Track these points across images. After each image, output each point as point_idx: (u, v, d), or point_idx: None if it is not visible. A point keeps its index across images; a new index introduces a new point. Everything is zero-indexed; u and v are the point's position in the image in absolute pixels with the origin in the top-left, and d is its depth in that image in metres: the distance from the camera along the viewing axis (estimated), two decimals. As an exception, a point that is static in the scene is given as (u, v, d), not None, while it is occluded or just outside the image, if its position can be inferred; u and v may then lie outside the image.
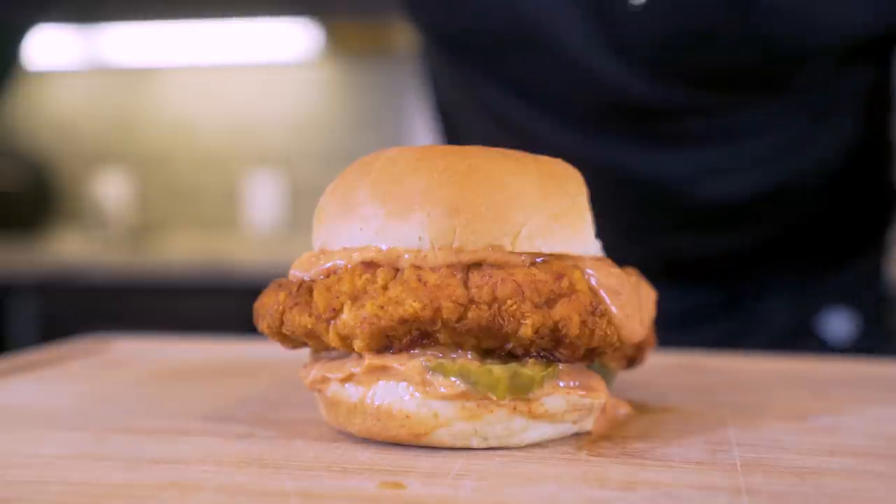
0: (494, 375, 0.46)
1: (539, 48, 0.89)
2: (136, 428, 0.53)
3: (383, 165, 0.50)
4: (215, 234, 3.34)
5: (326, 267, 0.49)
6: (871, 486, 0.41)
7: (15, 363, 0.73)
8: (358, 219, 0.48)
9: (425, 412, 0.46)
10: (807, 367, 0.72)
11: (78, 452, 0.47)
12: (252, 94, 3.33)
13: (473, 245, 0.46)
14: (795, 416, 0.55)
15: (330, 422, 0.51)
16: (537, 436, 0.48)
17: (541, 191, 0.48)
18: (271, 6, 3.01)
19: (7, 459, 0.46)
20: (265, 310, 0.51)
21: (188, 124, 3.38)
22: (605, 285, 0.48)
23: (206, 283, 2.62)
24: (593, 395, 0.48)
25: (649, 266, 0.60)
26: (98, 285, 2.69)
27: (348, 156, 2.93)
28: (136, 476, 0.43)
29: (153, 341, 0.86)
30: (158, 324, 2.41)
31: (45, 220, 3.43)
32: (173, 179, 3.41)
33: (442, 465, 0.45)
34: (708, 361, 0.75)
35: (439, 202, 0.47)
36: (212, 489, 0.41)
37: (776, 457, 0.46)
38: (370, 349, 0.46)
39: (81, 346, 0.83)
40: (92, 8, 3.05)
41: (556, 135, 0.94)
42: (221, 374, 0.70)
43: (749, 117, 0.91)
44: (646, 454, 0.46)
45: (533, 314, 0.45)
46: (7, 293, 2.74)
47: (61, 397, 0.62)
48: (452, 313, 0.44)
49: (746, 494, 0.40)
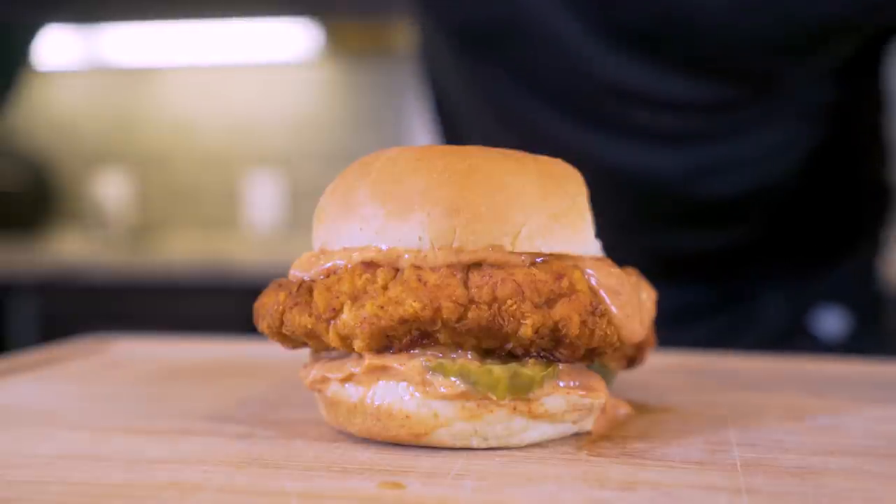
0: (494, 375, 0.46)
1: (537, 37, 0.89)
2: (136, 428, 0.53)
3: (383, 165, 0.50)
4: (215, 234, 3.34)
5: (326, 267, 0.49)
6: (870, 486, 0.41)
7: (15, 363, 0.73)
8: (358, 219, 0.48)
9: (425, 412, 0.46)
10: (807, 367, 0.72)
11: (78, 452, 0.47)
12: (252, 94, 3.33)
13: (473, 245, 0.46)
14: (795, 416, 0.55)
15: (330, 422, 0.51)
16: (537, 436, 0.48)
17: (541, 191, 0.48)
18: (271, 6, 3.01)
19: (7, 459, 0.46)
20: (265, 310, 0.51)
21: (188, 124, 3.39)
22: (605, 285, 0.48)
23: (206, 283, 2.62)
24: (593, 395, 0.48)
25: (643, 263, 0.60)
26: (98, 285, 2.69)
27: (348, 156, 2.93)
28: (136, 476, 0.43)
29: (153, 341, 0.86)
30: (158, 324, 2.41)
31: (45, 220, 3.43)
32: (173, 179, 3.41)
33: (442, 465, 0.45)
34: (708, 361, 0.75)
35: (439, 202, 0.47)
36: (212, 489, 0.41)
37: (776, 457, 0.46)
38: (370, 349, 0.46)
39: (81, 346, 0.83)
40: (92, 8, 3.06)
41: (556, 127, 0.94)
42: (221, 374, 0.70)
43: (745, 116, 0.92)
44: (646, 454, 0.46)
45: (533, 314, 0.45)
46: (7, 293, 2.75)
47: (61, 397, 0.62)
48: (452, 313, 0.44)
49: (746, 494, 0.40)
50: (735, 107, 0.91)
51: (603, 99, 0.91)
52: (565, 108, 0.93)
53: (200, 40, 3.22)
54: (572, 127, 0.93)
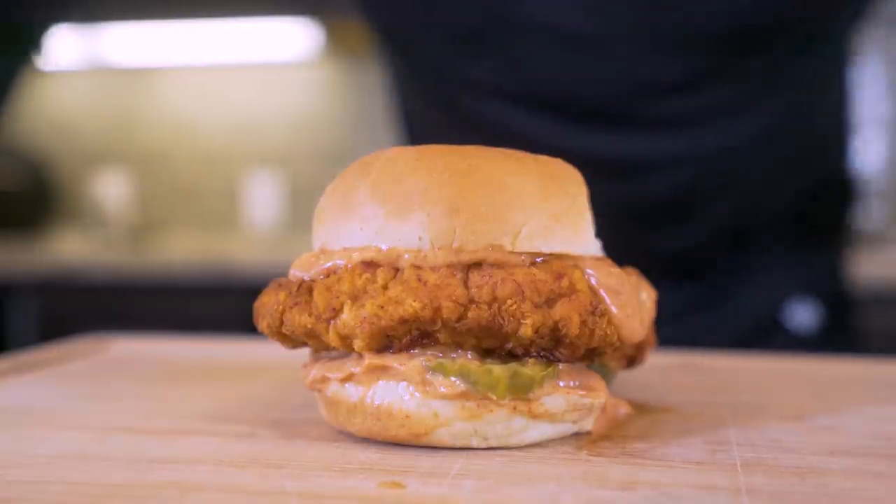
0: (494, 375, 0.46)
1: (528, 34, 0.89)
2: (136, 428, 0.53)
3: (383, 165, 0.50)
4: (215, 234, 3.35)
5: (326, 267, 0.49)
6: (871, 486, 0.41)
7: (15, 363, 0.73)
8: (358, 219, 0.48)
9: (425, 412, 0.46)
10: (807, 367, 0.72)
11: (78, 452, 0.47)
12: (252, 94, 3.33)
13: (473, 245, 0.46)
14: (795, 416, 0.55)
15: (330, 422, 0.51)
16: (537, 436, 0.48)
17: (541, 191, 0.48)
18: (271, 6, 3.01)
19: (7, 459, 0.46)
20: (265, 309, 0.51)
21: (188, 124, 3.39)
22: (605, 285, 0.48)
23: (206, 282, 2.62)
24: (593, 394, 0.48)
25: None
26: (98, 285, 2.69)
27: (348, 156, 2.93)
28: (136, 476, 0.43)
29: (153, 341, 0.86)
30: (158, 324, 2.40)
31: (45, 219, 3.43)
32: (173, 179, 3.41)
33: (442, 465, 0.45)
34: (708, 361, 0.75)
35: (439, 202, 0.47)
36: (212, 489, 0.41)
37: (776, 457, 0.46)
38: (370, 349, 0.46)
39: (81, 346, 0.83)
40: (92, 8, 3.06)
41: (529, 125, 0.94)
42: (221, 374, 0.70)
43: (711, 101, 0.92)
44: (646, 454, 0.46)
45: (533, 314, 0.45)
46: (7, 293, 2.74)
47: (61, 397, 0.62)
48: (452, 313, 0.44)
49: (746, 494, 0.40)
50: (702, 86, 0.91)
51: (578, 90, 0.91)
52: (542, 108, 0.94)
53: (200, 40, 3.21)
54: (528, 115, 0.93)
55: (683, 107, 0.92)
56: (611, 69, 0.90)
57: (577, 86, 0.91)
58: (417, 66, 1.03)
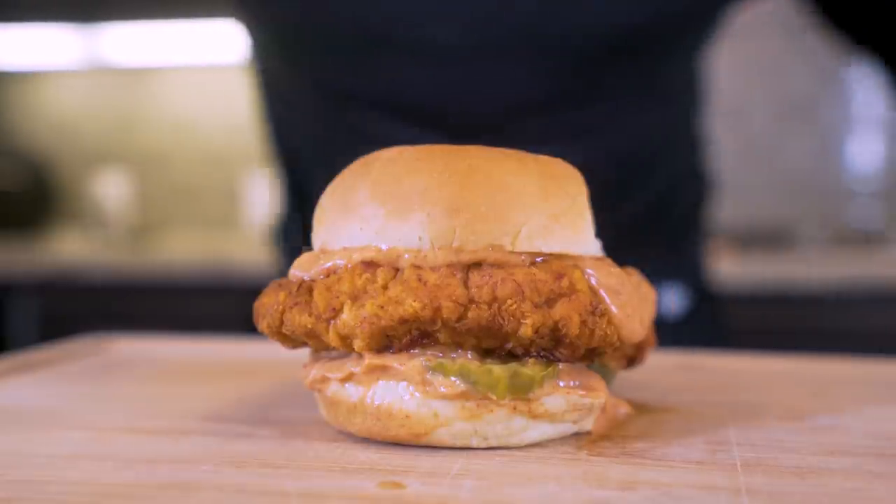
0: (494, 375, 0.46)
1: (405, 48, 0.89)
2: (136, 428, 0.53)
3: (383, 165, 0.50)
4: (215, 234, 3.34)
5: (326, 267, 0.49)
6: (871, 486, 0.41)
7: (15, 363, 0.73)
8: (358, 219, 0.48)
9: (425, 412, 0.46)
10: (807, 367, 0.72)
11: (78, 452, 0.47)
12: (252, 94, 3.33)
13: (473, 245, 0.46)
14: (795, 416, 0.55)
15: (330, 422, 0.51)
16: (537, 435, 0.48)
17: (541, 191, 0.48)
18: (271, 6, 3.01)
19: (7, 459, 0.46)
20: (265, 309, 0.51)
21: (188, 124, 3.39)
22: (605, 285, 0.48)
23: (206, 282, 2.62)
24: (593, 394, 0.48)
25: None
26: (98, 285, 2.69)
27: (348, 156, 2.92)
28: (136, 476, 0.43)
29: (153, 341, 0.86)
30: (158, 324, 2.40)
31: (45, 220, 3.43)
32: (173, 179, 3.41)
33: (442, 465, 0.45)
34: (708, 361, 0.75)
35: (439, 202, 0.47)
36: (212, 489, 0.41)
37: (776, 457, 0.46)
38: (370, 349, 0.46)
39: (81, 346, 0.83)
40: (92, 8, 3.06)
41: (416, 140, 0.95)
42: (221, 374, 0.70)
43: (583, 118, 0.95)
44: (646, 454, 0.46)
45: (533, 314, 0.45)
46: (7, 293, 2.74)
47: (61, 397, 0.62)
48: (452, 313, 0.45)
49: (746, 494, 0.40)
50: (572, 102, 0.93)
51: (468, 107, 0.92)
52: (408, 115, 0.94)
53: (200, 40, 3.21)
54: (408, 128, 0.93)
55: (557, 123, 0.94)
56: (487, 84, 0.91)
57: (454, 101, 0.92)
58: (300, 76, 1.03)
